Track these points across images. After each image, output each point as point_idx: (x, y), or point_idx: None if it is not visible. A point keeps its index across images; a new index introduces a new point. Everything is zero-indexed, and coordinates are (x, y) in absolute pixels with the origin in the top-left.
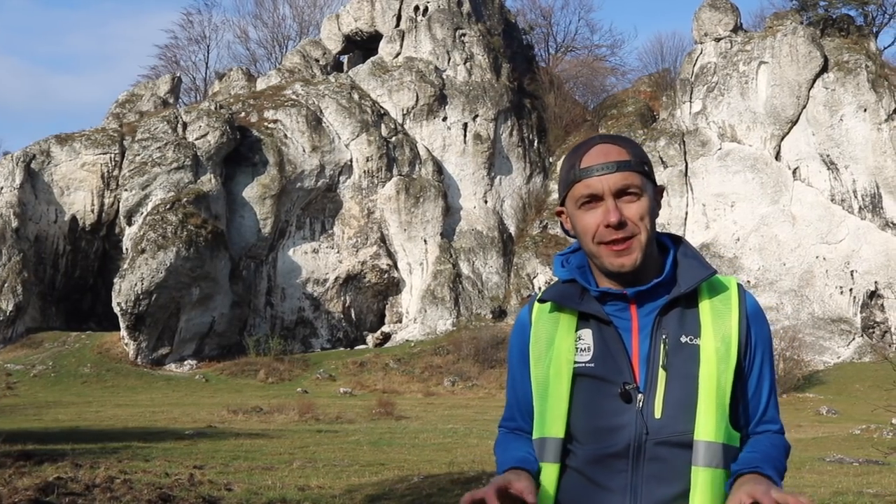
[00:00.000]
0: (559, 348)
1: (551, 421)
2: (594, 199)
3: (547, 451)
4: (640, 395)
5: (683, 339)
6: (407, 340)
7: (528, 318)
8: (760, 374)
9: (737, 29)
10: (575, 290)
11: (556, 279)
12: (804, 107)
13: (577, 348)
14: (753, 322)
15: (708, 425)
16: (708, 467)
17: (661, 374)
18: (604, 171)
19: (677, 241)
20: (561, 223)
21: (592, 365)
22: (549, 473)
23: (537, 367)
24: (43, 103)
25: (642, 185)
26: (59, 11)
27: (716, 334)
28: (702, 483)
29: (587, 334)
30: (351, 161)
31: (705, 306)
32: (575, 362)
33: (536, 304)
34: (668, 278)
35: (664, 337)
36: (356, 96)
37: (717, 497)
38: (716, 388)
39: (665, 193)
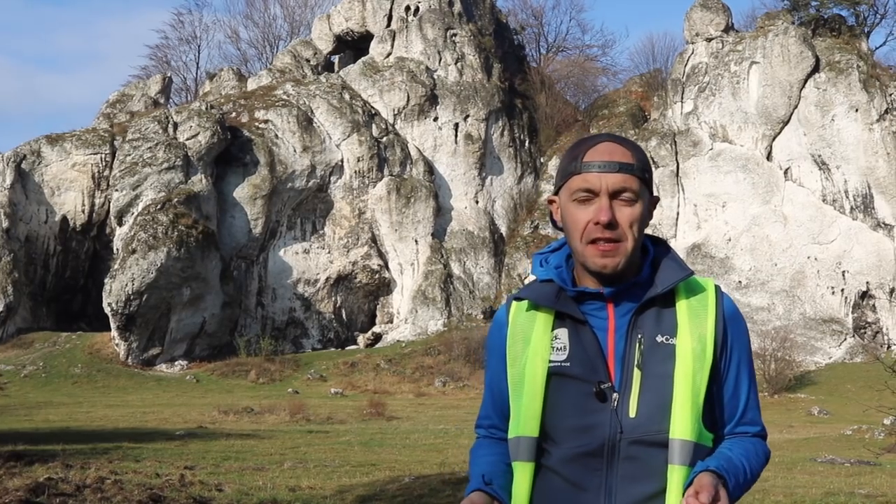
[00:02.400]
0: (535, 347)
1: (526, 420)
2: (589, 194)
3: (521, 450)
4: (615, 395)
5: (659, 338)
6: (398, 341)
7: (506, 317)
8: (738, 376)
9: (728, 29)
10: (552, 290)
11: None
12: (796, 107)
13: (553, 347)
14: (730, 323)
15: (683, 424)
16: (683, 465)
17: (636, 373)
18: (605, 169)
19: (658, 242)
20: (551, 213)
21: (568, 364)
22: (524, 473)
23: (514, 367)
24: (32, 103)
25: (639, 192)
26: (48, 9)
27: (692, 334)
28: (677, 481)
29: (563, 333)
30: (342, 161)
31: (682, 307)
32: (550, 361)
33: (514, 303)
34: (646, 279)
35: (640, 336)
36: (347, 96)
37: None
38: (691, 387)
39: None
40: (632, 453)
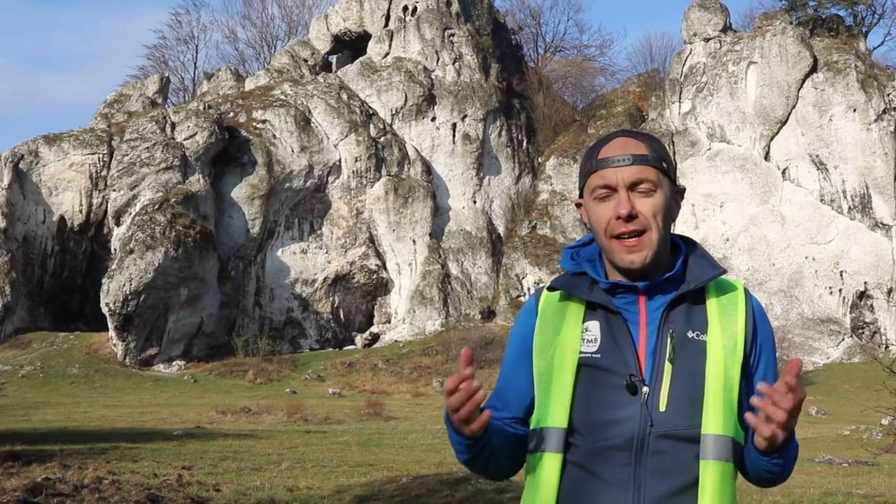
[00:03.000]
0: (565, 338)
1: (554, 411)
2: (608, 189)
3: (549, 441)
4: (645, 388)
5: (690, 334)
6: (395, 341)
7: (535, 307)
8: (766, 376)
9: (726, 29)
10: (584, 282)
11: (546, 281)
12: (793, 107)
13: (583, 339)
14: (759, 323)
15: (717, 419)
16: (717, 461)
17: (668, 367)
18: (619, 163)
19: (689, 242)
20: (581, 215)
21: (599, 356)
22: (552, 463)
23: (541, 357)
24: (29, 103)
25: (657, 181)
26: (46, 10)
27: (723, 331)
28: (711, 476)
29: (594, 326)
30: (339, 161)
31: (712, 304)
32: (581, 352)
33: (544, 293)
34: (678, 275)
35: (671, 331)
36: (345, 96)
37: (726, 490)
38: (723, 383)
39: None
40: (661, 447)
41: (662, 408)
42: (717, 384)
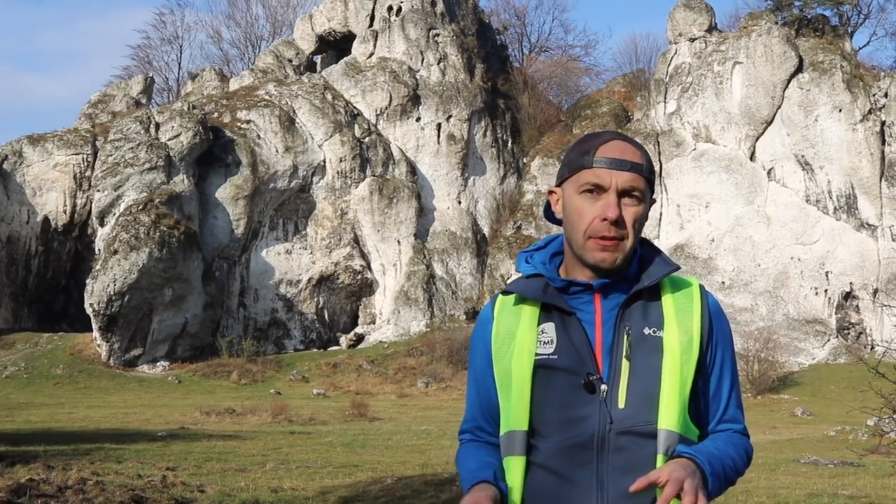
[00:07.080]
0: (521, 341)
1: (515, 414)
2: (598, 189)
3: (514, 444)
4: (603, 386)
5: (647, 331)
6: (380, 342)
7: (491, 313)
8: (721, 372)
9: (711, 29)
10: (539, 284)
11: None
12: (779, 107)
13: (539, 341)
14: (715, 319)
15: (670, 415)
16: (667, 456)
17: (625, 364)
18: (616, 167)
19: (644, 242)
20: (548, 203)
21: (556, 357)
22: (517, 466)
23: (500, 362)
24: (12, 103)
25: (644, 191)
26: (28, 9)
27: (679, 328)
28: None
29: (550, 328)
30: (324, 161)
31: (668, 301)
32: (537, 354)
33: (500, 298)
34: (633, 274)
35: (627, 328)
36: (329, 96)
37: None
38: (679, 380)
39: None
40: (622, 444)
41: (621, 405)
42: (673, 380)
